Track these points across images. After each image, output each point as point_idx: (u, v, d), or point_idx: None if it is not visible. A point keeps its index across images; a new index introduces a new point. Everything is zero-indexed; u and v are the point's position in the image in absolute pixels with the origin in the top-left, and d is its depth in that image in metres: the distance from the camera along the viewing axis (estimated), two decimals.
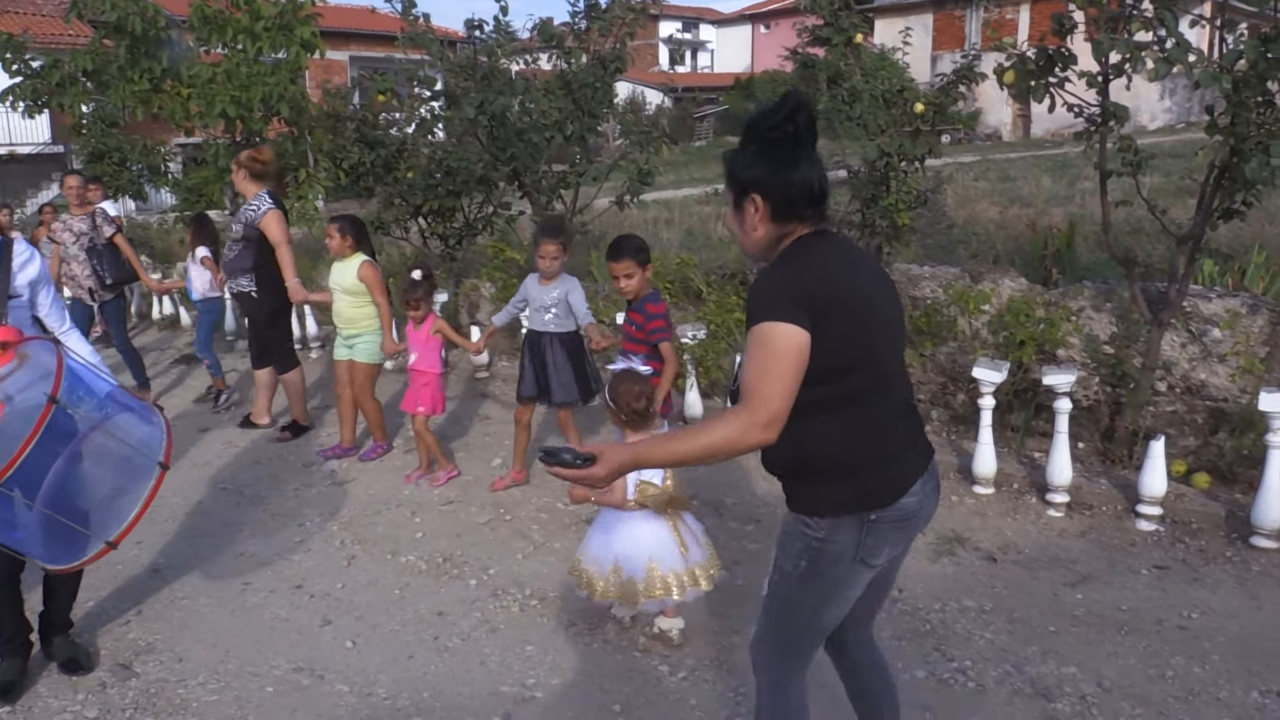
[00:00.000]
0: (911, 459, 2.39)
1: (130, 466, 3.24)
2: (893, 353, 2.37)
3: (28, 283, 3.61)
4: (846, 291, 2.23)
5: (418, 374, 5.65)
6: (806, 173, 2.25)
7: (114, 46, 10.94)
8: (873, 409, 2.30)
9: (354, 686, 3.65)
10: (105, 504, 3.22)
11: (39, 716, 3.53)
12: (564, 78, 7.65)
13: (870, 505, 2.31)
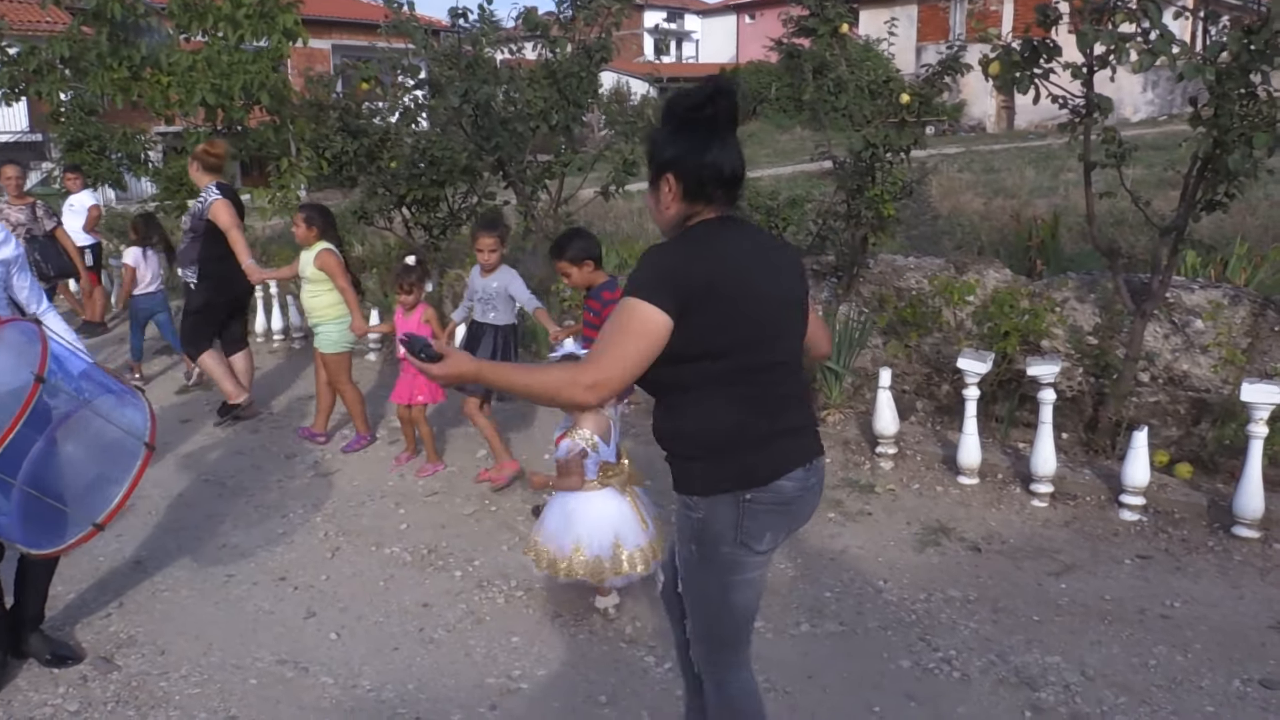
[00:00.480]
0: (792, 448, 2.40)
1: (114, 448, 3.22)
2: (778, 342, 2.37)
3: (1, 262, 3.61)
4: (727, 282, 2.26)
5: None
6: (718, 156, 2.29)
7: (93, 33, 10.81)
8: (751, 392, 2.32)
9: (338, 679, 3.63)
10: (88, 487, 3.21)
11: (19, 710, 3.50)
12: (549, 67, 7.61)
13: (744, 484, 2.33)
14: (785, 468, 2.36)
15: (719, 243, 2.30)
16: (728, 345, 2.27)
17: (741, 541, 2.36)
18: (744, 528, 2.35)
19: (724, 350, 2.27)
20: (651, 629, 3.87)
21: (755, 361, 2.32)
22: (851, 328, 6.01)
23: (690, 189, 2.31)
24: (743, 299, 2.28)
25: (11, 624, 3.76)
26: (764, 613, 3.94)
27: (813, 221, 6.61)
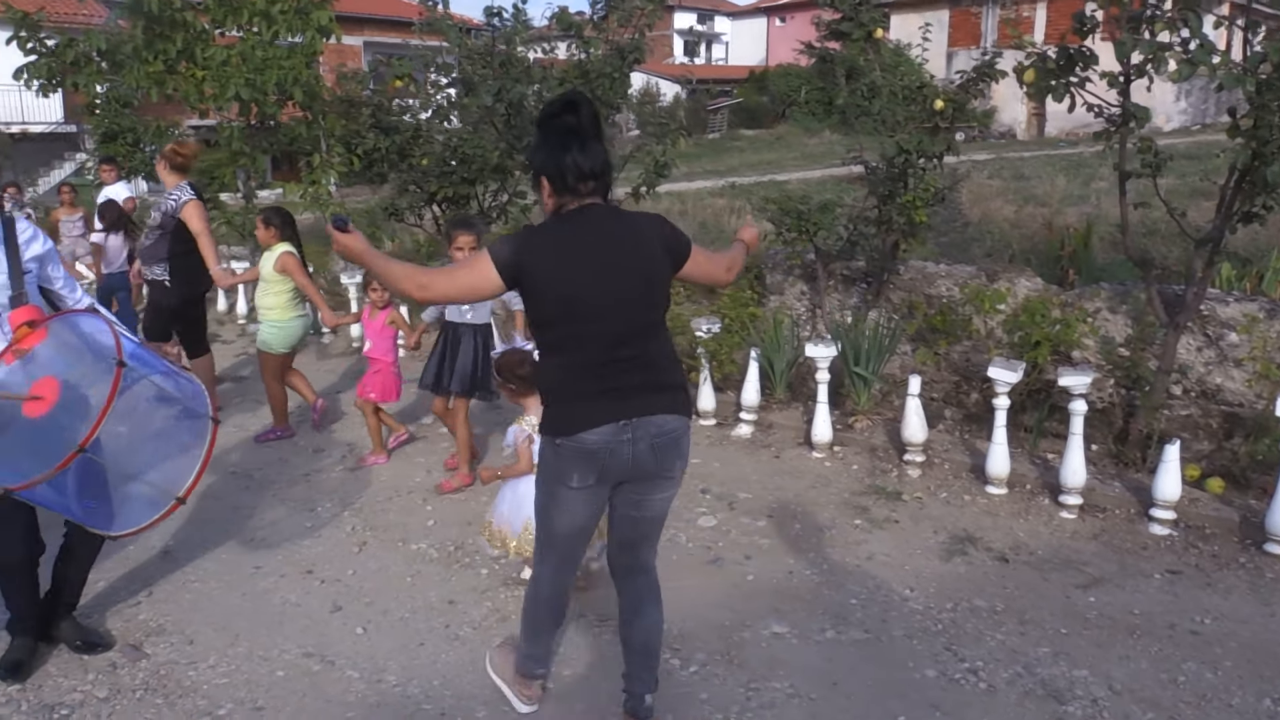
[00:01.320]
0: (602, 406, 2.80)
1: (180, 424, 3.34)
2: (610, 316, 2.77)
3: (33, 258, 3.59)
4: (553, 264, 2.72)
5: (372, 360, 5.89)
6: (576, 157, 2.71)
7: (130, 27, 10.93)
8: (572, 357, 2.81)
9: (364, 673, 3.65)
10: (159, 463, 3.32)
11: (49, 696, 3.54)
12: (581, 67, 7.62)
13: (557, 432, 2.85)
14: (588, 423, 2.79)
15: (561, 233, 2.78)
16: (551, 317, 2.78)
17: (558, 478, 2.90)
18: (557, 465, 2.89)
19: (549, 321, 2.80)
20: (677, 631, 3.87)
21: (582, 331, 2.77)
22: (881, 334, 5.99)
23: (557, 186, 2.76)
24: (563, 282, 2.73)
25: (45, 610, 3.82)
26: (788, 617, 3.95)
27: (843, 227, 6.59)
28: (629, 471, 2.90)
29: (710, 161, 26.37)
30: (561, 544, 3.09)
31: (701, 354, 6.23)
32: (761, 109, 41.64)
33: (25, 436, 3.14)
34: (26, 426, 3.12)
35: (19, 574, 3.64)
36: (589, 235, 2.76)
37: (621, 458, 2.85)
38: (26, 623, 3.73)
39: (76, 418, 3.00)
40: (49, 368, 3.19)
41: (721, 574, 4.38)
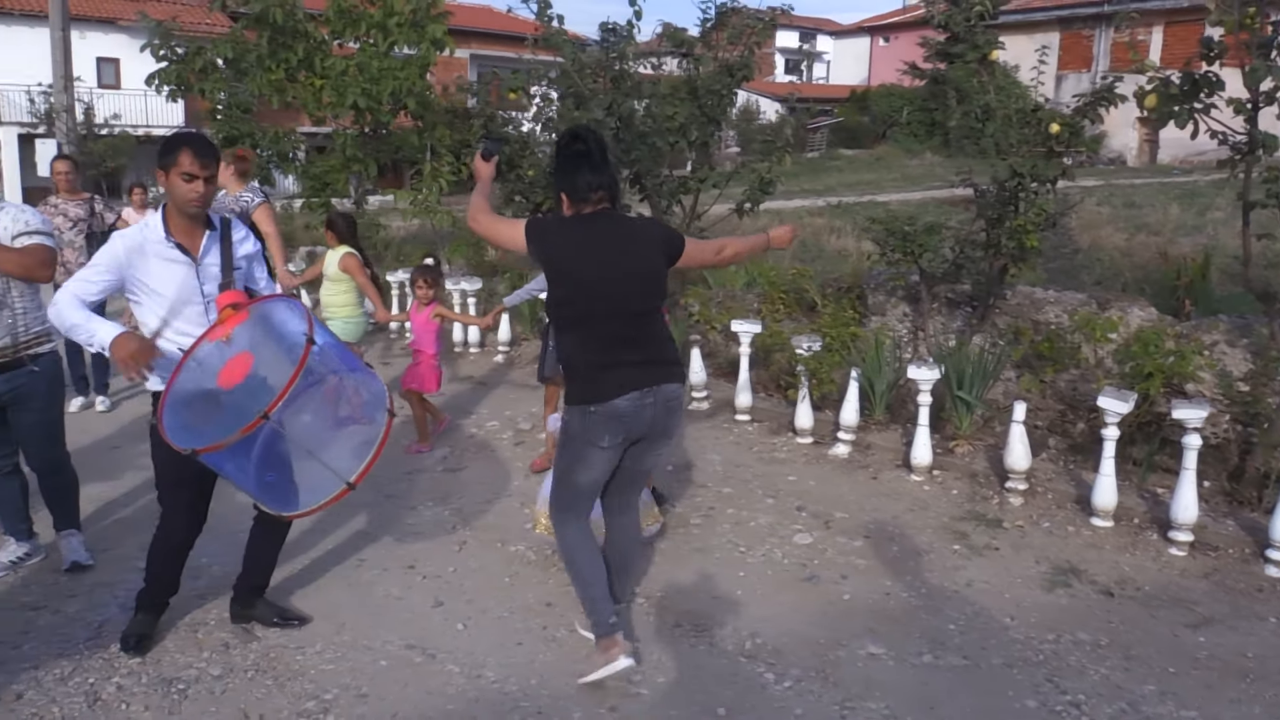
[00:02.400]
0: (624, 375, 3.40)
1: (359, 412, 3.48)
2: (617, 300, 3.41)
3: (244, 256, 3.81)
4: (570, 253, 3.41)
5: (416, 353, 6.33)
6: (587, 175, 3.44)
7: (254, 37, 11.38)
8: (588, 334, 3.43)
9: (463, 668, 3.74)
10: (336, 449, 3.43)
11: (167, 670, 3.71)
12: (691, 83, 7.68)
13: (589, 400, 3.41)
14: (616, 392, 3.38)
15: (576, 231, 3.47)
16: (569, 297, 3.42)
17: (587, 439, 3.45)
18: (587, 429, 3.43)
19: (568, 300, 3.43)
20: (771, 646, 3.87)
21: (593, 311, 3.40)
22: (985, 359, 5.90)
23: (574, 199, 3.48)
24: (575, 271, 3.39)
25: (239, 591, 4.06)
26: (885, 638, 3.92)
27: (949, 249, 6.51)
28: (646, 430, 3.51)
29: (809, 180, 26.22)
30: (582, 501, 3.66)
31: (801, 371, 6.22)
32: (862, 129, 41.28)
33: (220, 410, 3.31)
34: (219, 398, 3.31)
35: (176, 556, 3.87)
36: (600, 233, 3.46)
37: (643, 419, 3.46)
38: (158, 600, 3.94)
39: (264, 393, 3.15)
40: (246, 346, 3.37)
41: (817, 592, 4.36)
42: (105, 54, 29.99)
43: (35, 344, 4.32)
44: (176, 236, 3.61)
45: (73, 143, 20.43)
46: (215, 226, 3.72)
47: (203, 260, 3.65)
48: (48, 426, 4.43)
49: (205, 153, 3.52)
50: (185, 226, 3.63)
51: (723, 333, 7.60)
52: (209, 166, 3.52)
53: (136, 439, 6.55)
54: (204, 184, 3.53)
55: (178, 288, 3.62)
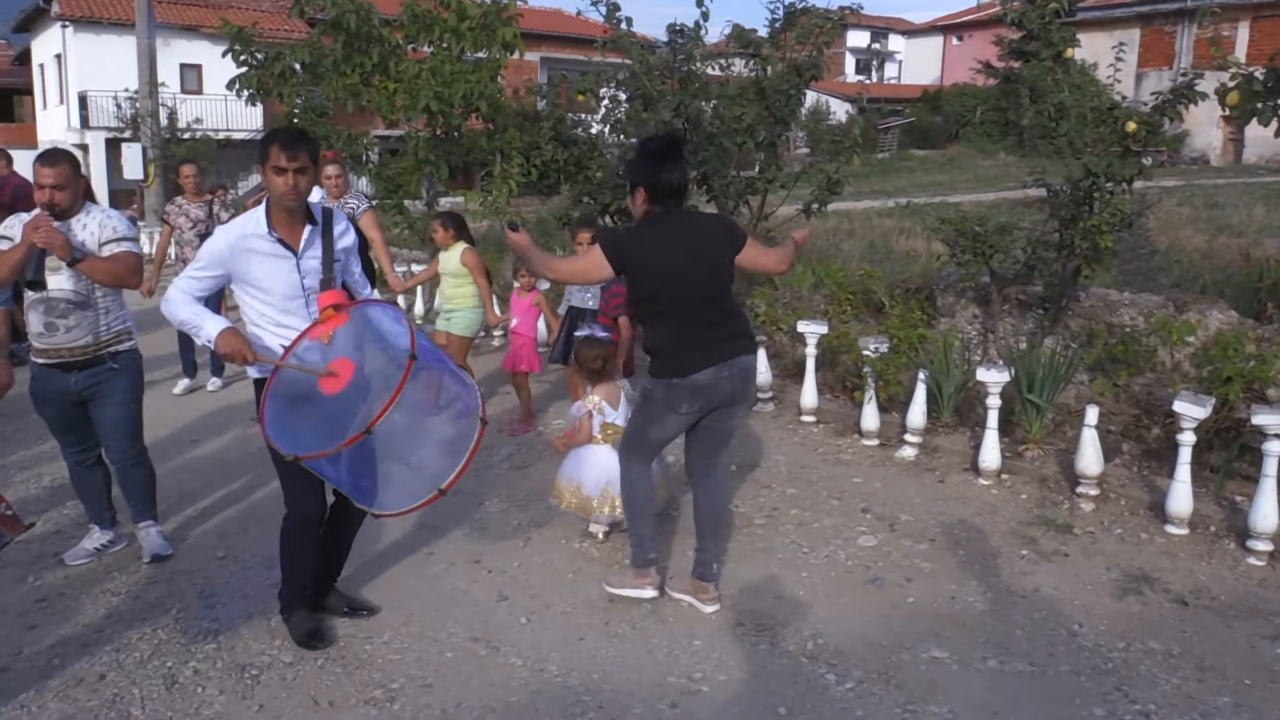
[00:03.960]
0: (705, 353, 3.80)
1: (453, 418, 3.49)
2: (696, 289, 3.80)
3: (343, 249, 3.85)
4: (651, 255, 3.78)
5: (516, 336, 6.66)
6: (668, 176, 3.79)
7: (330, 42, 11.63)
8: (674, 321, 3.82)
9: (527, 661, 3.79)
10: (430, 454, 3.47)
11: (241, 656, 3.82)
12: (759, 84, 7.67)
13: (673, 374, 3.83)
14: (703, 367, 3.80)
15: (655, 230, 3.83)
16: (655, 293, 3.80)
17: (670, 407, 3.90)
18: (670, 397, 3.88)
19: (653, 296, 3.81)
20: (834, 647, 3.86)
21: (678, 302, 3.79)
22: (1057, 361, 5.79)
23: (651, 196, 3.82)
24: (660, 267, 3.76)
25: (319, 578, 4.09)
26: (950, 642, 3.88)
27: (1021, 250, 6.41)
28: (725, 399, 3.92)
29: (879, 181, 25.95)
30: (650, 452, 4.18)
31: (868, 373, 6.17)
32: (934, 129, 40.74)
33: (320, 412, 3.36)
34: (322, 403, 3.35)
35: (309, 536, 3.85)
36: (677, 232, 3.82)
37: (722, 390, 3.88)
38: (302, 592, 3.96)
39: (365, 401, 3.21)
40: (346, 350, 3.42)
41: (881, 594, 4.33)
42: (189, 60, 30.89)
43: (116, 342, 4.45)
44: (278, 230, 3.66)
45: (157, 146, 21.12)
46: (317, 220, 3.76)
47: (304, 254, 3.70)
48: (127, 422, 4.55)
49: (292, 145, 3.51)
50: (286, 220, 3.68)
51: (789, 333, 7.57)
52: (297, 158, 3.51)
53: (214, 431, 6.75)
54: (294, 176, 3.53)
55: (279, 282, 3.69)
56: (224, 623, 4.09)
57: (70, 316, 4.29)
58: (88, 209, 4.35)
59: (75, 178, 4.25)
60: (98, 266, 4.22)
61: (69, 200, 4.23)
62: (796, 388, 7.12)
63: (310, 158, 3.57)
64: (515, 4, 10.77)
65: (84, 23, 30.23)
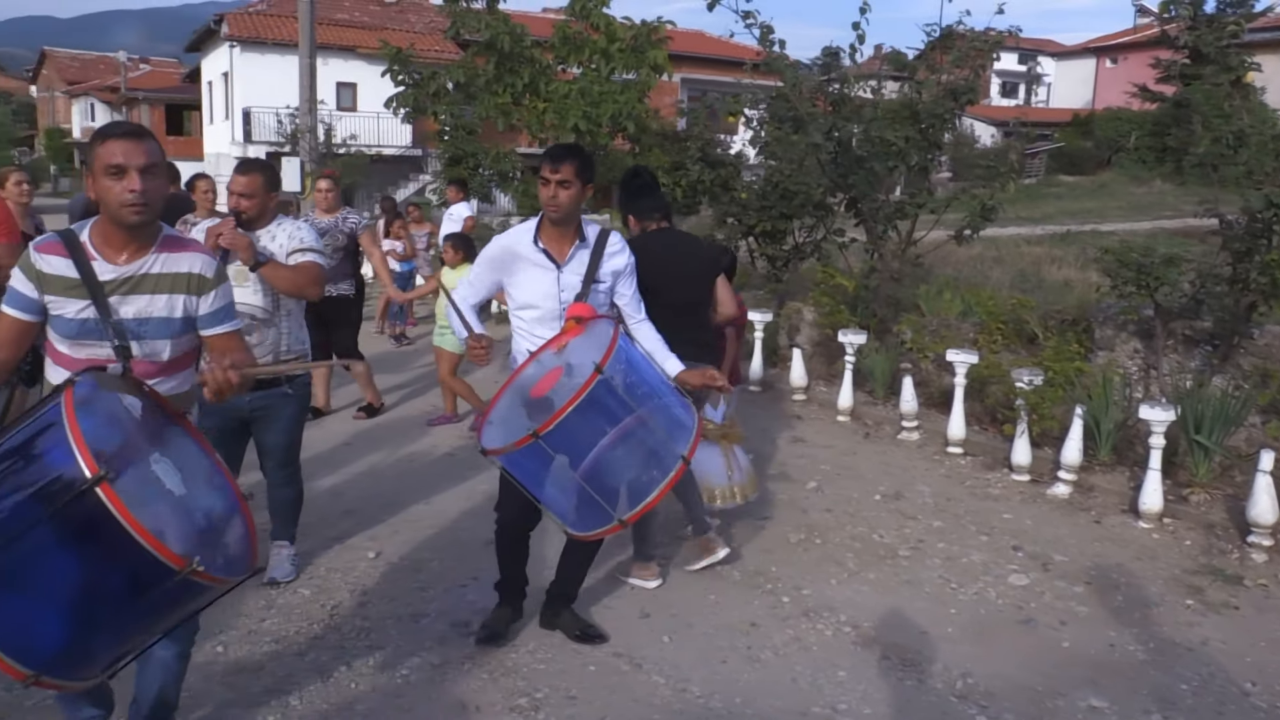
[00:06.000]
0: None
1: (655, 454, 3.34)
2: (676, 294, 4.29)
3: (612, 271, 3.83)
4: (649, 261, 4.08)
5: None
6: (649, 203, 4.61)
7: (483, 63, 12.00)
8: (662, 315, 4.01)
9: (669, 680, 3.78)
10: (627, 484, 3.37)
11: (391, 655, 3.92)
12: (911, 106, 7.55)
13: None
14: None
15: (647, 243, 4.36)
16: (648, 292, 4.00)
17: None
18: None
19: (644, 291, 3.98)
20: (984, 688, 3.73)
21: (666, 301, 4.11)
22: (1227, 402, 5.49)
23: (639, 218, 4.60)
24: (653, 273, 4.08)
25: (549, 597, 4.14)
26: (1108, 692, 3.71)
27: (1189, 283, 6.10)
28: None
29: (1025, 208, 25.13)
30: None
31: (1020, 405, 5.97)
32: (1083, 154, 39.24)
33: (521, 415, 3.40)
34: (529, 406, 3.42)
35: (512, 542, 3.95)
36: (666, 245, 4.43)
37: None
38: (510, 593, 4.05)
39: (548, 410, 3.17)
40: (563, 360, 3.48)
41: (1034, 636, 4.17)
42: (344, 79, 32.23)
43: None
44: (544, 243, 3.73)
45: (314, 160, 22.08)
46: (586, 238, 3.76)
47: (565, 268, 3.73)
48: (290, 447, 4.54)
49: (558, 158, 3.60)
50: (554, 234, 3.73)
51: (935, 362, 7.40)
52: (559, 170, 3.57)
53: (365, 435, 6.98)
54: (556, 188, 3.59)
55: (538, 291, 3.75)
56: (374, 621, 4.21)
57: (254, 334, 4.24)
58: (279, 221, 4.39)
59: (265, 189, 4.31)
60: (280, 273, 4.22)
61: (255, 209, 4.29)
62: (941, 417, 6.95)
63: (575, 172, 3.59)
64: (665, 26, 10.88)
65: (250, 43, 31.93)
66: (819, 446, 6.79)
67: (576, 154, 3.67)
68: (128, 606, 2.17)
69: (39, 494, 2.07)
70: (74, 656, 2.16)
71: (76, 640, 2.14)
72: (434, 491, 5.77)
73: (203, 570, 2.06)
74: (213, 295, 2.81)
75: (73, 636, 2.13)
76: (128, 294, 2.67)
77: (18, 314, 2.69)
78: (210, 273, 2.80)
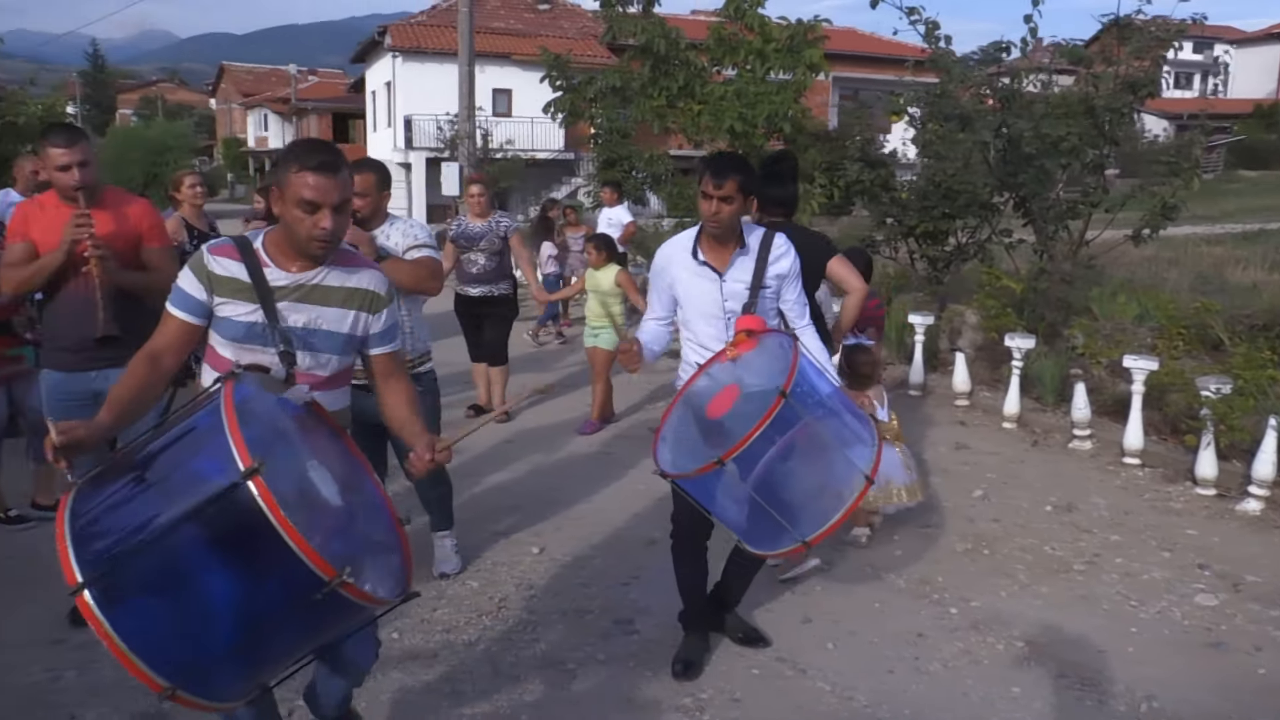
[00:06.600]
0: None
1: (834, 471, 3.24)
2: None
3: (776, 275, 3.74)
4: None
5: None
6: (776, 194, 4.37)
7: (639, 66, 12.10)
8: None
9: (834, 687, 3.73)
10: (804, 503, 3.24)
11: (556, 650, 4.00)
12: (1087, 101, 7.22)
13: None
14: None
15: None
16: None
17: None
18: None
19: None
20: (1170, 713, 3.55)
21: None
22: None
23: (760, 207, 4.25)
24: None
25: (715, 600, 4.11)
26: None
27: None
28: None
29: (1202, 205, 23.65)
30: None
31: (1205, 416, 5.64)
32: (1266, 147, 36.83)
33: (702, 433, 3.30)
34: (704, 425, 3.34)
35: (683, 545, 3.84)
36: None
37: None
38: (697, 619, 3.96)
39: (740, 428, 3.04)
40: (739, 376, 3.38)
41: (1225, 661, 3.94)
42: (500, 85, 33.08)
43: (419, 363, 4.53)
44: (704, 253, 3.66)
45: (472, 165, 22.77)
46: (747, 245, 3.66)
47: (728, 276, 3.64)
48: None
49: (720, 173, 3.51)
50: (714, 245, 3.66)
51: (1108, 368, 7.07)
52: (722, 186, 3.49)
53: (530, 431, 7.14)
54: (718, 203, 3.51)
55: (702, 301, 3.68)
56: (540, 615, 4.30)
57: None
58: (391, 220, 4.44)
59: (378, 188, 4.34)
60: (401, 268, 4.24)
61: (369, 209, 4.31)
62: (1114, 425, 6.64)
63: (738, 187, 3.50)
64: (822, 25, 10.75)
65: (411, 53, 33.14)
66: (984, 454, 6.58)
67: (740, 168, 3.57)
68: (273, 618, 2.05)
69: (192, 488, 2.01)
70: (213, 671, 2.02)
71: (218, 652, 2.01)
72: (594, 490, 5.87)
73: (353, 584, 1.96)
74: (384, 314, 2.77)
75: (214, 647, 2.00)
76: (297, 302, 2.64)
77: (184, 316, 2.64)
78: (383, 290, 2.77)
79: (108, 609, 1.88)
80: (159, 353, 2.63)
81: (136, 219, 4.14)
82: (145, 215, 4.20)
